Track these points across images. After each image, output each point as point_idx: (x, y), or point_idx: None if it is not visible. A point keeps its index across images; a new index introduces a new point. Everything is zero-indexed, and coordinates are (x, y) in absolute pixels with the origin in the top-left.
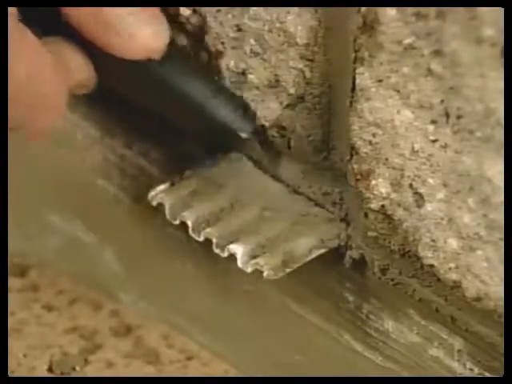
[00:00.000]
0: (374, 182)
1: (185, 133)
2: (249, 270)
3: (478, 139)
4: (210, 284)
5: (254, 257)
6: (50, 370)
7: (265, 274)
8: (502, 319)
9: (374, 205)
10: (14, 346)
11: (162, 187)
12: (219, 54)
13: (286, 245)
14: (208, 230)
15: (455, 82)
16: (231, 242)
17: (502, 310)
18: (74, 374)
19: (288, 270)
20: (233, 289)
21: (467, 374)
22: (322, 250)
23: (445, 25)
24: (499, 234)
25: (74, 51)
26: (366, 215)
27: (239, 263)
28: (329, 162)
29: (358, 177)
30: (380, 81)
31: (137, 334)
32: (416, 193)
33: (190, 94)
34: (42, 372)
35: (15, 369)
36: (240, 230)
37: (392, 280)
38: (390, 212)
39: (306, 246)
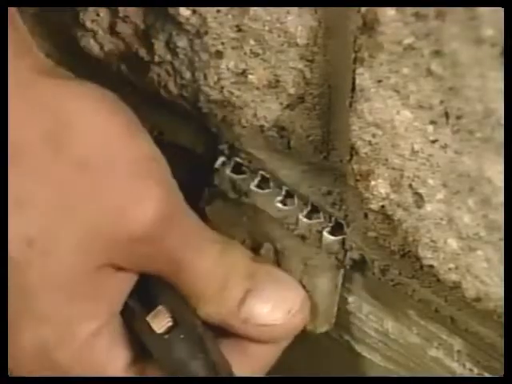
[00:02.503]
0: (373, 183)
1: None
2: None
3: (477, 139)
4: None
5: None
6: None
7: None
8: (502, 320)
9: (374, 205)
10: None
11: None
12: (219, 55)
13: (312, 297)
14: None
15: (455, 82)
16: None
17: (501, 310)
18: None
19: (335, 312)
20: None
21: (467, 374)
22: (342, 271)
23: (444, 25)
24: (499, 235)
25: None
26: (365, 216)
27: None
28: (329, 162)
29: (358, 177)
30: (380, 81)
31: None
32: (416, 193)
33: None
34: None
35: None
36: None
37: (392, 280)
38: (389, 212)
39: (328, 281)
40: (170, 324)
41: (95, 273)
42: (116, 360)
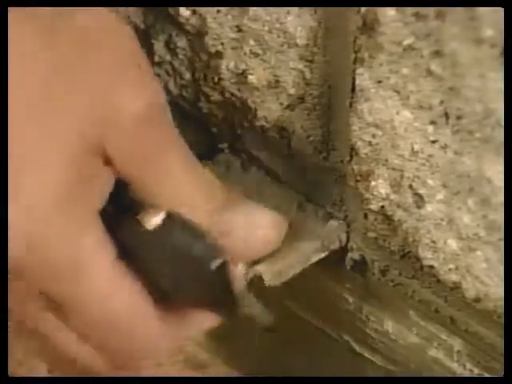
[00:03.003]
0: (373, 183)
1: None
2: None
3: (477, 140)
4: None
5: (254, 263)
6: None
7: (266, 282)
8: (502, 320)
9: (374, 206)
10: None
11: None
12: (219, 55)
13: (286, 250)
14: None
15: (455, 82)
16: None
17: (501, 310)
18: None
19: (290, 276)
20: None
21: (467, 374)
22: (323, 254)
23: (444, 25)
24: (499, 235)
25: None
26: (365, 216)
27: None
28: (329, 162)
29: (358, 177)
30: (380, 81)
31: None
32: (416, 193)
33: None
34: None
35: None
36: None
37: (392, 281)
38: (389, 213)
39: (307, 250)
40: (164, 217)
41: (91, 157)
42: (103, 255)
